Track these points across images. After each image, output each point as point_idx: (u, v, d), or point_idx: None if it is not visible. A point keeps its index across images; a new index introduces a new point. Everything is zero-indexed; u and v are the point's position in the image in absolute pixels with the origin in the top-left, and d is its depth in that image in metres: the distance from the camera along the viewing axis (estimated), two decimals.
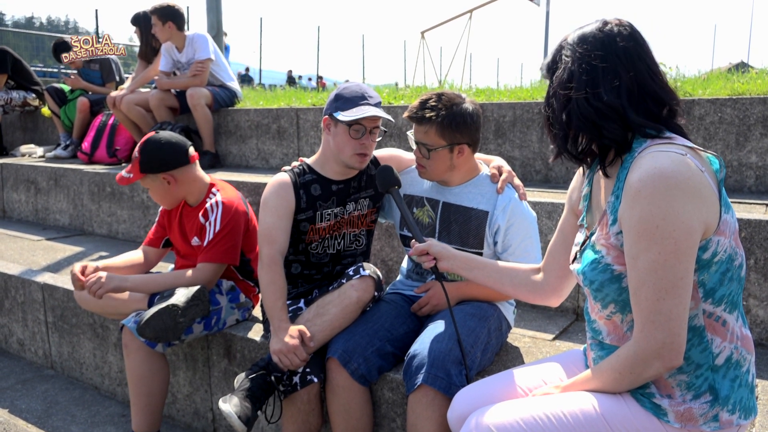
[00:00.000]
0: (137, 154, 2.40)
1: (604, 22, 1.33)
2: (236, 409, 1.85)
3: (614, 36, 1.29)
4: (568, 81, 1.31)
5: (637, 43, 1.30)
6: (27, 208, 5.00)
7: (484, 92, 4.35)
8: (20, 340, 3.42)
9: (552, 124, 1.38)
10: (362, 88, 2.15)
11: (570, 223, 1.58)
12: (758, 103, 2.93)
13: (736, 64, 8.04)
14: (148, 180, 2.42)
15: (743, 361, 1.31)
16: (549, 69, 1.38)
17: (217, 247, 2.34)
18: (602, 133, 1.29)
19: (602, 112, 1.28)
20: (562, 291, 1.67)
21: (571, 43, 1.33)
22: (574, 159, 1.39)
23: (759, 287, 2.25)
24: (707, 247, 1.22)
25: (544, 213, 2.63)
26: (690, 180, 1.18)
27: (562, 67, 1.33)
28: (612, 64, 1.28)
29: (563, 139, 1.36)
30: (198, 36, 4.58)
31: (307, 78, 23.75)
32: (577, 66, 1.30)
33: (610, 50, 1.28)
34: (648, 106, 1.29)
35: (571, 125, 1.32)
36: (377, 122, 2.14)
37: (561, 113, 1.33)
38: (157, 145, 2.39)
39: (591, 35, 1.31)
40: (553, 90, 1.35)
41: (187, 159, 2.43)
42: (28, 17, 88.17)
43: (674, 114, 1.32)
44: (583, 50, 1.30)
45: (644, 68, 1.29)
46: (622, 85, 1.27)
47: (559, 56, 1.36)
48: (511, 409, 1.39)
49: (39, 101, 6.27)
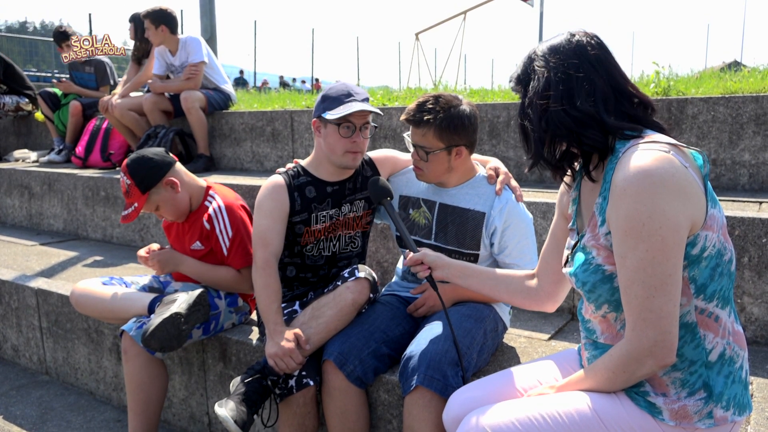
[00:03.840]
0: (128, 181, 2.34)
1: (571, 33, 1.36)
2: (232, 413, 1.84)
3: (584, 45, 1.33)
4: (544, 90, 1.33)
5: (605, 51, 1.35)
6: (21, 213, 4.98)
7: (478, 93, 4.36)
8: (14, 346, 3.40)
9: (528, 134, 1.40)
10: (347, 86, 2.15)
11: (561, 227, 1.59)
12: (751, 101, 2.95)
13: (729, 63, 8.08)
14: (153, 197, 2.36)
15: (736, 357, 1.31)
16: (520, 81, 1.40)
17: (240, 249, 2.38)
18: (582, 140, 1.31)
19: (580, 120, 1.30)
20: (558, 296, 1.67)
21: (542, 54, 1.36)
22: (551, 167, 1.41)
23: (753, 285, 2.26)
24: (695, 242, 1.23)
25: (538, 213, 2.63)
26: (674, 177, 1.19)
27: (536, 77, 1.35)
28: (586, 72, 1.31)
29: (540, 147, 1.37)
30: (191, 39, 4.57)
31: (300, 81, 23.73)
32: (553, 75, 1.32)
33: (583, 59, 1.32)
34: (625, 108, 1.33)
35: (550, 133, 1.34)
36: (366, 118, 2.13)
37: (539, 122, 1.35)
38: (141, 160, 2.35)
39: (561, 46, 1.34)
40: (529, 100, 1.37)
41: (171, 159, 2.43)
42: (21, 22, 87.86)
43: (652, 111, 1.36)
44: (557, 60, 1.33)
45: (616, 73, 1.34)
46: (597, 91, 1.31)
47: (530, 67, 1.37)
48: (506, 409, 1.39)
49: (32, 106, 6.25)
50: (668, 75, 3.86)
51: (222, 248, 2.38)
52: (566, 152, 1.37)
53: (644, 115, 1.34)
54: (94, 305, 2.41)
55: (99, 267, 3.61)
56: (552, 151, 1.38)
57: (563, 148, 1.37)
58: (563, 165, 1.40)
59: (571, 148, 1.36)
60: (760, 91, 3.05)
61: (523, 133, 1.41)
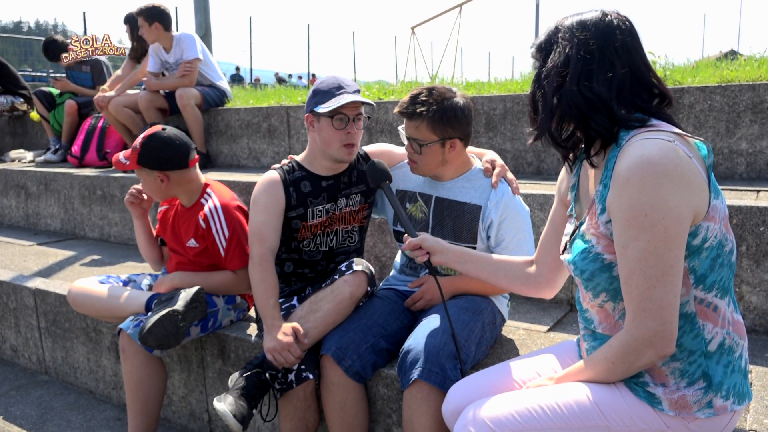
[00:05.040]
0: (138, 145, 2.37)
1: (604, 12, 1.31)
2: (231, 408, 1.84)
3: (614, 28, 1.28)
4: (563, 65, 1.29)
5: (633, 38, 1.30)
6: (17, 214, 4.96)
7: (474, 85, 4.34)
8: (13, 347, 3.39)
9: (537, 103, 1.35)
10: (338, 79, 2.14)
11: (560, 214, 1.58)
12: (747, 90, 2.93)
13: (726, 52, 8.04)
14: (143, 173, 2.40)
15: (736, 346, 1.31)
16: (541, 49, 1.35)
17: (237, 249, 2.37)
18: (589, 123, 1.28)
19: (592, 103, 1.27)
20: (556, 283, 1.66)
21: (569, 27, 1.30)
22: (555, 144, 1.38)
23: (751, 273, 2.26)
24: (697, 233, 1.22)
25: (536, 205, 2.63)
26: (678, 167, 1.18)
27: (557, 50, 1.30)
28: (609, 55, 1.27)
29: (548, 120, 1.33)
30: (185, 36, 4.55)
31: (297, 77, 23.66)
32: (575, 51, 1.28)
33: (609, 41, 1.27)
34: (639, 99, 1.29)
35: (560, 110, 1.31)
36: (359, 109, 2.12)
37: (552, 97, 1.31)
38: (160, 142, 2.36)
39: (592, 23, 1.29)
40: (546, 71, 1.32)
41: (186, 163, 2.39)
42: (15, 21, 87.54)
43: (669, 103, 1.32)
44: (583, 36, 1.28)
45: (640, 61, 1.29)
46: (615, 78, 1.27)
47: (555, 38, 1.32)
48: (505, 401, 1.39)
49: (27, 106, 6.22)
50: (665, 64, 3.85)
51: (219, 249, 2.37)
52: (572, 134, 1.35)
53: (658, 108, 1.31)
54: (92, 304, 2.41)
55: (97, 266, 3.60)
56: (559, 129, 1.35)
57: (570, 127, 1.34)
58: (567, 146, 1.38)
59: (577, 131, 1.34)
60: (757, 80, 3.04)
61: (533, 102, 1.37)
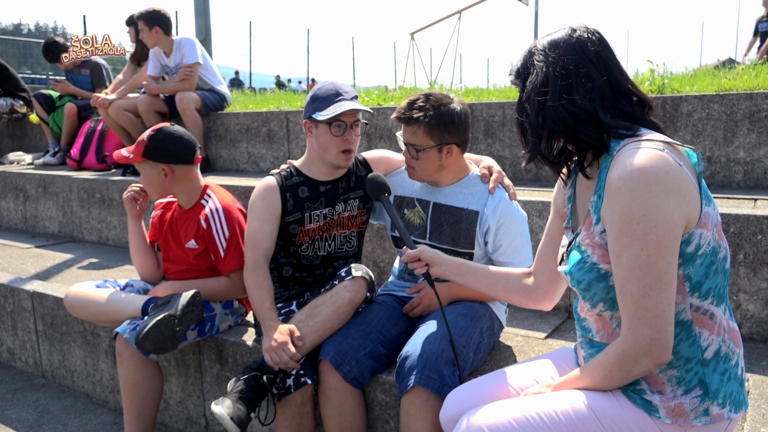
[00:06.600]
0: (145, 138, 2.38)
1: (573, 28, 1.35)
2: (228, 411, 1.84)
3: (585, 41, 1.32)
4: (542, 85, 1.32)
5: (606, 48, 1.33)
6: (16, 216, 4.96)
7: (473, 92, 4.36)
8: (10, 349, 3.38)
9: (525, 129, 1.38)
10: (336, 85, 2.15)
11: (557, 226, 1.59)
12: (745, 98, 2.95)
13: (723, 61, 8.07)
14: (147, 166, 2.40)
15: (732, 354, 1.31)
16: (519, 74, 1.39)
17: (236, 251, 2.37)
18: (578, 136, 1.30)
19: (577, 116, 1.29)
20: (554, 294, 1.67)
21: (542, 48, 1.34)
22: (548, 163, 1.40)
23: (749, 282, 2.26)
24: (690, 240, 1.23)
25: (534, 212, 2.63)
26: (668, 175, 1.19)
27: (535, 72, 1.34)
28: (586, 68, 1.30)
29: (537, 142, 1.36)
30: (185, 40, 4.56)
31: (297, 81, 23.70)
32: (551, 70, 1.31)
33: (583, 54, 1.30)
34: (622, 106, 1.31)
35: (547, 129, 1.33)
36: (356, 116, 2.14)
37: (537, 117, 1.33)
38: (169, 135, 2.39)
39: (562, 41, 1.33)
40: (527, 95, 1.35)
41: (191, 159, 2.43)
42: (15, 24, 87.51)
43: (650, 109, 1.35)
44: (556, 55, 1.31)
45: (616, 70, 1.32)
46: (595, 88, 1.29)
47: (530, 61, 1.36)
48: (502, 409, 1.39)
49: (26, 108, 6.22)
50: (663, 73, 3.86)
51: (219, 249, 2.38)
52: (563, 149, 1.36)
53: (641, 114, 1.33)
54: (88, 308, 2.40)
55: (94, 269, 3.60)
56: (549, 147, 1.37)
57: (560, 144, 1.36)
58: (560, 161, 1.40)
59: (567, 144, 1.35)
60: (755, 89, 3.06)
61: (521, 128, 1.40)
